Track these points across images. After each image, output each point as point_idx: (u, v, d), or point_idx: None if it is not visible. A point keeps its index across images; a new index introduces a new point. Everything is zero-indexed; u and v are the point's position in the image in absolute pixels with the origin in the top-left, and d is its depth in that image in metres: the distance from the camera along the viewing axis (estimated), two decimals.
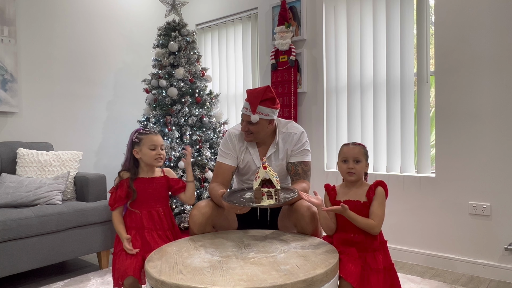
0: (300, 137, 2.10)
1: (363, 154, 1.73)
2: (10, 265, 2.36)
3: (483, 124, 2.61)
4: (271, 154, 2.10)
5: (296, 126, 2.16)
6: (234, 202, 1.77)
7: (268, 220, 2.14)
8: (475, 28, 2.62)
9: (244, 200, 1.82)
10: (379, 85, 3.10)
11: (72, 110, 3.57)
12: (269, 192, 1.70)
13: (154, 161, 1.91)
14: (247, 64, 4.00)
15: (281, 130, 2.13)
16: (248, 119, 2.02)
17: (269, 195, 1.70)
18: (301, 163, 2.08)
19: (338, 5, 3.32)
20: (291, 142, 2.10)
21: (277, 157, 2.11)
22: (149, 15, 4.19)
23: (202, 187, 3.17)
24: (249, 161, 2.12)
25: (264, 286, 1.27)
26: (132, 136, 1.94)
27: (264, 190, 1.70)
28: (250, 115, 2.00)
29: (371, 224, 1.63)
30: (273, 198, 1.70)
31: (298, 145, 2.10)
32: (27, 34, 3.28)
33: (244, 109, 2.05)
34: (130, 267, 1.74)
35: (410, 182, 2.92)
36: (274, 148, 2.10)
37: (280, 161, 2.11)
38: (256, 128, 2.03)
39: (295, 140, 2.09)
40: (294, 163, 2.09)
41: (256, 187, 1.69)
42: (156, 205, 1.93)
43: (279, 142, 2.11)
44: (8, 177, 2.73)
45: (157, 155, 1.90)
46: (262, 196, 1.70)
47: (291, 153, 2.10)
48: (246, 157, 2.13)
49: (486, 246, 2.62)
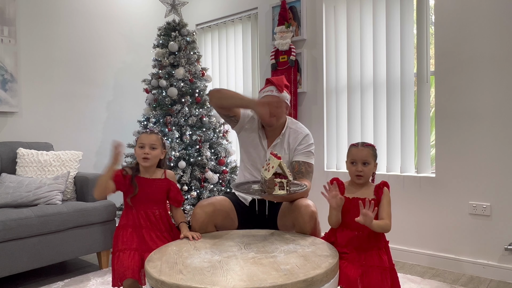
0: (306, 137, 2.16)
1: (372, 155, 1.74)
2: (10, 265, 2.36)
3: (483, 124, 2.61)
4: (276, 143, 2.16)
5: (304, 127, 2.24)
6: (243, 191, 1.79)
7: (266, 214, 2.14)
8: (475, 28, 2.62)
9: (253, 190, 1.83)
10: (379, 85, 3.10)
11: (72, 110, 3.57)
12: (282, 182, 1.70)
13: (141, 160, 1.91)
14: (247, 64, 4.00)
15: (290, 126, 2.20)
16: (276, 99, 2.09)
17: (281, 185, 1.70)
18: (305, 163, 2.12)
19: (338, 5, 3.32)
20: (296, 140, 2.15)
21: (281, 148, 2.16)
22: (149, 15, 4.19)
23: (202, 187, 3.17)
24: (257, 142, 2.19)
25: (264, 286, 1.27)
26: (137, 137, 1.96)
27: (277, 180, 1.70)
28: (277, 95, 2.10)
29: (387, 225, 1.64)
30: (284, 189, 1.70)
31: (304, 145, 2.14)
32: (27, 34, 3.28)
33: (270, 92, 2.12)
34: (128, 268, 1.73)
35: (410, 182, 2.92)
36: (279, 139, 2.16)
37: (283, 154, 2.15)
38: (279, 111, 2.10)
39: (300, 139, 2.15)
40: (299, 161, 2.12)
41: (269, 177, 1.69)
42: (153, 206, 1.92)
43: (286, 135, 2.17)
44: (8, 177, 2.73)
45: (143, 154, 1.89)
46: (275, 186, 1.70)
47: (295, 151, 2.14)
48: (255, 136, 2.20)
49: (486, 246, 2.62)
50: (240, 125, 2.23)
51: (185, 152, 3.18)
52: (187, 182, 3.12)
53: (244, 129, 2.23)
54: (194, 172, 3.18)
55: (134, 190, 1.88)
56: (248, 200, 2.17)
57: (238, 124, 2.22)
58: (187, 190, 3.12)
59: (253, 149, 2.20)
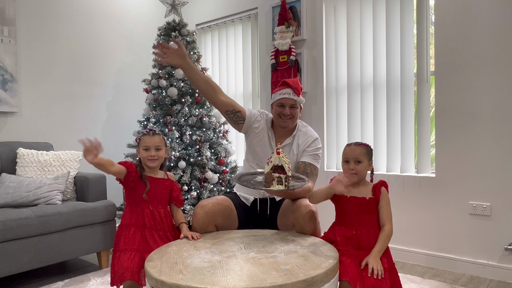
0: (315, 141, 2.20)
1: (365, 154, 1.74)
2: (10, 265, 2.36)
3: (483, 124, 2.61)
4: (286, 144, 2.18)
5: (313, 131, 2.28)
6: (244, 183, 1.81)
7: (267, 214, 2.14)
8: (475, 28, 2.62)
9: (254, 183, 1.84)
10: (379, 85, 3.10)
11: (72, 110, 3.57)
12: (280, 177, 1.70)
13: (147, 161, 1.92)
14: (247, 64, 4.00)
15: (300, 129, 2.23)
16: (293, 102, 2.14)
17: (279, 180, 1.71)
18: (311, 165, 2.14)
19: (338, 5, 3.32)
20: (306, 142, 2.18)
21: (290, 149, 2.18)
22: (149, 15, 4.19)
23: (202, 187, 3.17)
24: (265, 142, 2.21)
25: (264, 286, 1.27)
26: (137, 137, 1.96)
27: (275, 175, 1.70)
28: (295, 98, 2.14)
29: (389, 232, 1.68)
30: (282, 184, 1.71)
31: (312, 148, 2.17)
32: (27, 34, 3.28)
33: (287, 94, 2.14)
34: (128, 270, 1.73)
35: (410, 182, 2.92)
36: (290, 140, 2.18)
37: (291, 155, 2.16)
38: (296, 112, 2.16)
39: (309, 142, 2.18)
40: (305, 162, 2.13)
41: (267, 171, 1.70)
42: (158, 205, 1.93)
43: (296, 137, 2.20)
44: (8, 177, 2.73)
45: (150, 156, 1.91)
46: (272, 181, 1.70)
47: (303, 152, 2.16)
48: (264, 135, 2.21)
49: (486, 246, 2.62)
50: (248, 125, 2.23)
51: (185, 152, 3.18)
52: (187, 182, 3.12)
53: (252, 128, 2.23)
54: (194, 172, 3.18)
55: (146, 185, 1.90)
56: (249, 201, 2.17)
57: (245, 123, 2.22)
58: (187, 190, 3.12)
59: (260, 148, 2.20)
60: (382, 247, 1.64)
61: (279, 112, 2.14)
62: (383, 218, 1.70)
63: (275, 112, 2.17)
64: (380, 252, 1.62)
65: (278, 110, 2.15)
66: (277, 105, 2.16)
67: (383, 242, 1.65)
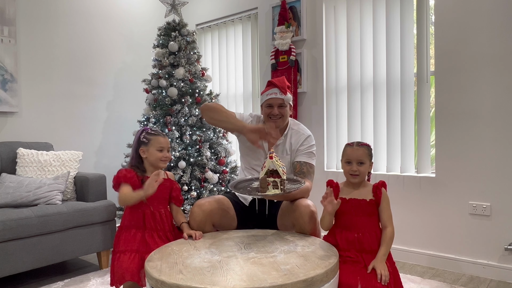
0: (307, 138, 2.19)
1: (367, 155, 1.73)
2: (10, 265, 2.36)
3: (483, 124, 2.61)
4: (278, 144, 2.17)
5: (306, 128, 2.26)
6: (240, 191, 1.81)
7: (266, 214, 2.14)
8: (475, 28, 2.62)
9: (251, 189, 1.85)
10: (379, 85, 3.10)
11: (72, 110, 3.57)
12: (275, 182, 1.71)
13: (159, 162, 1.92)
14: (247, 64, 4.00)
15: (292, 127, 2.22)
16: (281, 102, 2.12)
17: (275, 185, 1.72)
18: (307, 163, 2.14)
19: (338, 5, 3.32)
20: (298, 141, 2.18)
21: (283, 148, 2.18)
22: (149, 15, 4.19)
23: (202, 187, 3.17)
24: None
25: (264, 286, 1.27)
26: (139, 135, 1.94)
27: (270, 180, 1.71)
28: (282, 97, 2.12)
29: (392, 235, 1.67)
30: (278, 188, 1.71)
31: (305, 146, 2.16)
32: (27, 34, 3.28)
33: (273, 94, 2.13)
34: (127, 271, 1.73)
35: (410, 182, 2.92)
36: (281, 140, 2.17)
37: (284, 155, 2.17)
38: (285, 111, 2.15)
39: (302, 140, 2.17)
40: (300, 162, 2.13)
41: (261, 177, 1.71)
42: (159, 205, 1.92)
43: (288, 136, 2.19)
44: (8, 177, 2.73)
45: (164, 157, 1.92)
46: (268, 186, 1.71)
47: (297, 152, 2.16)
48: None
49: (486, 246, 2.62)
50: None
51: (185, 152, 3.18)
52: (187, 182, 3.12)
53: None
54: (194, 172, 3.18)
55: None
56: (248, 200, 2.17)
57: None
58: (187, 190, 3.12)
59: (253, 151, 2.20)
60: (387, 250, 1.64)
61: (268, 112, 2.15)
62: (385, 219, 1.69)
63: (264, 113, 2.17)
64: (385, 256, 1.62)
65: (267, 111, 2.15)
66: (265, 106, 2.16)
67: (387, 245, 1.64)
